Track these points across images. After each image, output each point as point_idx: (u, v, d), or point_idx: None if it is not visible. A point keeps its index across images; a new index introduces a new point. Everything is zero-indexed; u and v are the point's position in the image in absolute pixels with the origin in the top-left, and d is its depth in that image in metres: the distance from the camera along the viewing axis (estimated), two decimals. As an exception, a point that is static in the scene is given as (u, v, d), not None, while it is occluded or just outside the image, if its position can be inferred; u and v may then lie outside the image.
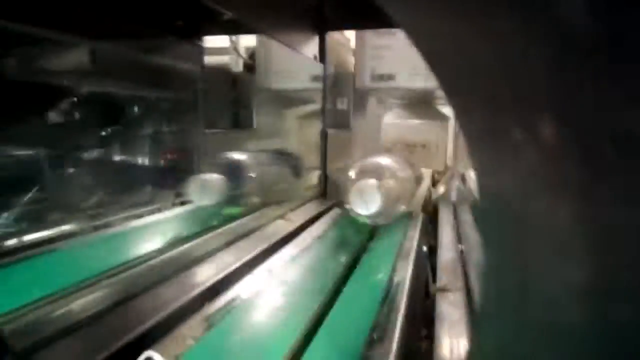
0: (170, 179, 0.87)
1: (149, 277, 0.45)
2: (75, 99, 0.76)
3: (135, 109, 0.88)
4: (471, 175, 1.14)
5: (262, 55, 1.17)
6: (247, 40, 1.37)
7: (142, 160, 0.88)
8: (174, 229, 0.63)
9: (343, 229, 0.70)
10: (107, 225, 0.60)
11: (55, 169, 0.66)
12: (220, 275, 0.47)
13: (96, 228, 0.58)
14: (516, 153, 0.15)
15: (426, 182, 1.27)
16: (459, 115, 0.19)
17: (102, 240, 0.57)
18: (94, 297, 0.40)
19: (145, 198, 0.73)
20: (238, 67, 1.33)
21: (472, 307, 0.40)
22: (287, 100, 1.35)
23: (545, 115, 0.14)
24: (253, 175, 0.81)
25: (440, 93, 1.23)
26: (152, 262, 0.50)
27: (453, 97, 0.18)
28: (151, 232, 0.62)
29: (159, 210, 0.70)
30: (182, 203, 0.76)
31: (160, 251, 0.53)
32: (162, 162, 0.90)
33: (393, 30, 1.04)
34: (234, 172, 0.79)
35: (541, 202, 0.15)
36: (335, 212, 0.81)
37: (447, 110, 1.39)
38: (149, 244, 0.55)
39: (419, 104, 1.38)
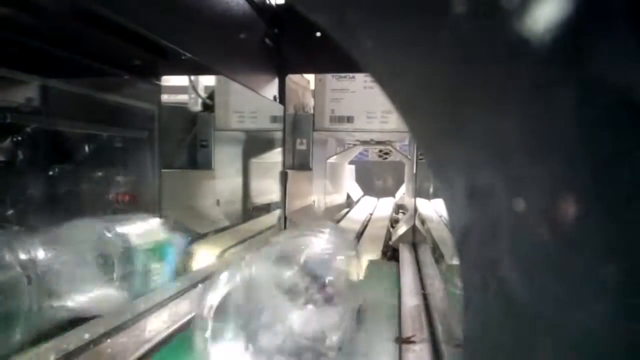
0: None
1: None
2: (19, 137, 0.71)
3: (85, 147, 0.83)
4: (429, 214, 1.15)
5: (222, 95, 1.16)
6: (207, 80, 1.36)
7: (89, 201, 0.83)
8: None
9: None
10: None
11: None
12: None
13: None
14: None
15: (385, 224, 1.27)
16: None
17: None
18: None
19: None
20: (197, 106, 1.31)
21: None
22: (246, 140, 1.34)
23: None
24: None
25: (395, 136, 1.26)
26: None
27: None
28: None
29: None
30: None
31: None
32: (111, 203, 0.85)
33: (352, 74, 1.07)
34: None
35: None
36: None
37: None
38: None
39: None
